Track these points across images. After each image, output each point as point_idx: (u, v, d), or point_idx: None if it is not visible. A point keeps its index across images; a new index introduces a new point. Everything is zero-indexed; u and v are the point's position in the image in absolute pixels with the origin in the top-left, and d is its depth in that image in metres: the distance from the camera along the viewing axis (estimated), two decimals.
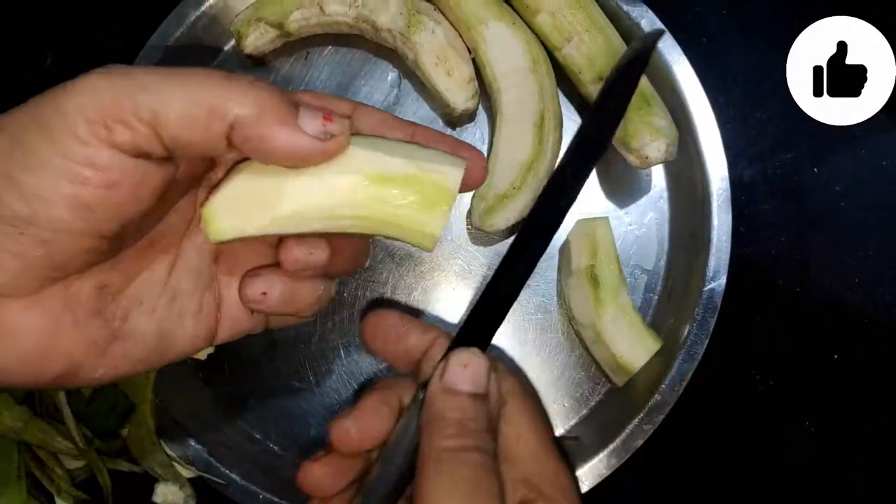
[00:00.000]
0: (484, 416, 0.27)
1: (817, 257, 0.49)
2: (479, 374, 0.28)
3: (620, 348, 0.43)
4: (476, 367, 0.28)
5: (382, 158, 0.27)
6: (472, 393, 0.28)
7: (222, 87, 0.24)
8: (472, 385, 0.28)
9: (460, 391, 0.28)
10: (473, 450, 0.26)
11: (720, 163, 0.44)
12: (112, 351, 0.27)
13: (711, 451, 0.48)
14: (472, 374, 0.28)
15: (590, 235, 0.44)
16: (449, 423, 0.27)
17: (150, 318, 0.28)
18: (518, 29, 0.45)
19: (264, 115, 0.24)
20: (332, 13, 0.46)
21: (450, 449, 0.26)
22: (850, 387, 0.48)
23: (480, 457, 0.26)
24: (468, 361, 0.28)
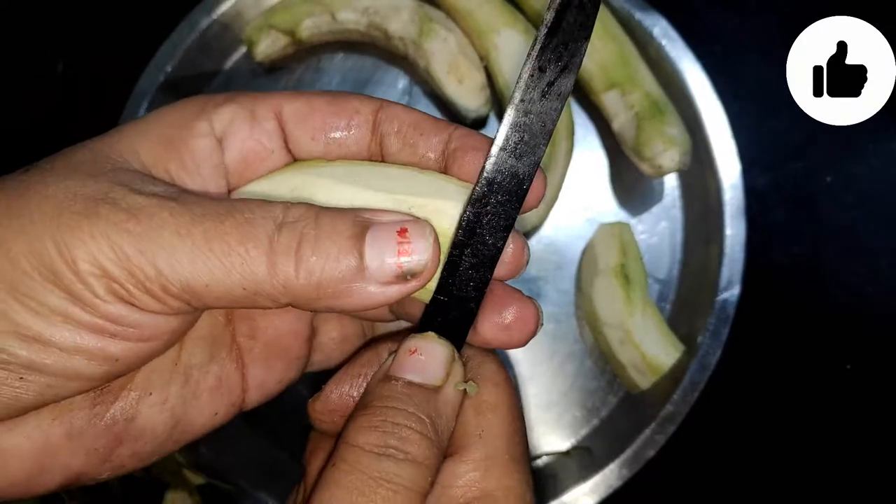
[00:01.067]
0: (421, 413, 0.22)
1: (830, 267, 0.49)
2: (427, 363, 0.23)
3: (650, 348, 0.43)
4: (426, 353, 0.23)
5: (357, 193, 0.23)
6: (411, 382, 0.23)
7: (267, 266, 0.20)
8: (416, 373, 0.23)
9: (398, 378, 0.23)
10: (387, 452, 0.21)
11: (733, 171, 0.44)
12: (118, 454, 0.23)
13: (724, 460, 0.48)
14: (418, 361, 0.23)
15: (616, 236, 0.45)
16: (369, 413, 0.22)
17: (161, 410, 0.23)
18: (530, 36, 0.45)
19: (322, 291, 0.20)
20: (343, 21, 0.46)
21: (357, 445, 0.22)
22: (863, 397, 0.48)
23: (390, 466, 0.21)
24: (416, 346, 0.23)
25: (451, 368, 0.23)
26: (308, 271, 0.20)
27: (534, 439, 0.46)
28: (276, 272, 0.20)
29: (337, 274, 0.20)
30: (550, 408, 0.46)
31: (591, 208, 0.48)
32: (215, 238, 0.20)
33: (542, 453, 0.46)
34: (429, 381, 0.23)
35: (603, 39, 0.44)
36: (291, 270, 0.20)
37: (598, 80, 0.44)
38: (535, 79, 0.23)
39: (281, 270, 0.20)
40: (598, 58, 0.44)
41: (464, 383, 0.24)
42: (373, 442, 0.22)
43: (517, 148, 0.23)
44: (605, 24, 0.44)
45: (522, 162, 0.23)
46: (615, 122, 0.45)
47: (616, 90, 0.44)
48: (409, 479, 0.21)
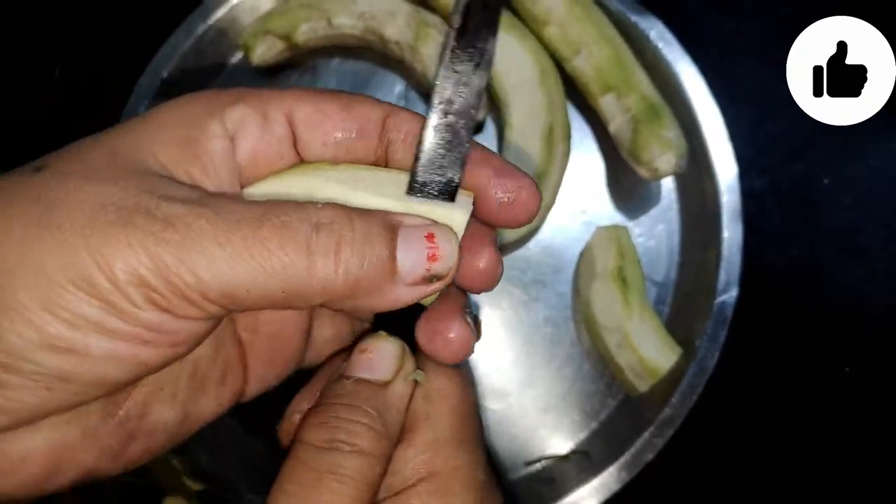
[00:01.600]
0: (369, 406, 0.23)
1: (828, 269, 0.49)
2: (375, 359, 0.25)
3: (648, 351, 0.43)
4: (374, 350, 0.25)
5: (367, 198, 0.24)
6: (360, 378, 0.24)
7: (306, 269, 0.20)
8: (365, 370, 0.24)
9: (349, 377, 0.24)
10: (334, 446, 0.22)
11: (730, 174, 0.44)
12: (130, 450, 0.23)
13: (723, 463, 0.48)
14: (368, 359, 0.25)
15: (614, 240, 0.45)
16: (319, 411, 0.24)
17: (172, 405, 0.24)
18: (527, 41, 0.45)
19: (359, 291, 0.21)
20: (339, 26, 0.46)
21: (306, 442, 0.23)
22: (862, 400, 0.48)
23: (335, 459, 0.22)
24: (366, 346, 0.25)
25: (401, 363, 0.25)
26: (346, 272, 0.21)
27: (532, 443, 0.46)
28: (315, 273, 0.20)
29: (373, 274, 0.21)
30: (549, 411, 0.46)
31: (589, 211, 0.48)
32: (255, 244, 0.20)
33: (540, 457, 0.46)
34: (377, 377, 0.24)
35: (599, 43, 0.44)
36: (331, 271, 0.20)
37: (594, 83, 0.45)
38: (452, 80, 0.23)
39: (321, 271, 0.20)
40: (594, 61, 0.44)
41: (413, 374, 0.25)
42: (321, 437, 0.23)
43: (444, 147, 0.24)
44: (601, 28, 0.44)
45: (449, 160, 0.24)
46: (612, 125, 0.45)
47: (612, 93, 0.44)
48: (355, 470, 0.22)
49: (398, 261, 0.21)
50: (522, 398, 0.47)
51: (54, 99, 0.51)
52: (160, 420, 0.24)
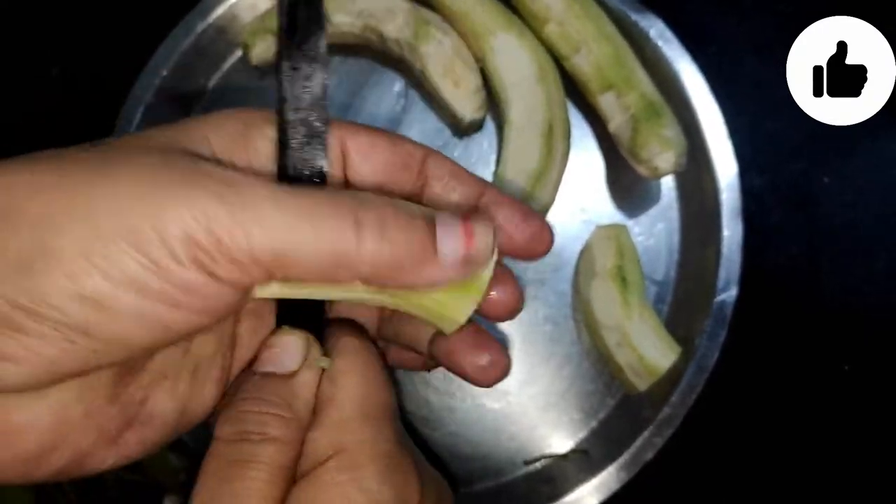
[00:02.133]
0: (277, 397, 0.24)
1: (828, 268, 0.49)
2: (278, 353, 0.25)
3: (647, 350, 0.43)
4: (277, 345, 0.25)
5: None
6: (266, 372, 0.25)
7: (356, 238, 0.22)
8: (271, 365, 0.25)
9: (255, 372, 0.25)
10: (243, 437, 0.23)
11: (730, 173, 0.44)
12: (126, 439, 0.24)
13: (722, 462, 0.48)
14: (274, 353, 0.25)
15: (613, 239, 0.45)
16: (229, 407, 0.24)
17: (172, 396, 0.25)
18: (526, 39, 0.45)
19: (402, 266, 0.22)
20: (338, 24, 0.46)
21: (218, 437, 0.23)
22: (862, 398, 0.48)
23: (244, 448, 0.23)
24: (269, 342, 0.26)
25: (306, 353, 0.25)
26: (392, 245, 0.22)
27: (532, 442, 0.46)
28: (363, 244, 0.22)
29: (416, 250, 0.23)
30: (548, 410, 0.46)
31: (588, 210, 0.48)
32: (309, 210, 0.21)
33: (539, 456, 0.46)
34: (283, 370, 0.25)
35: (598, 41, 0.44)
36: (377, 243, 0.22)
37: (593, 81, 0.44)
38: (293, 77, 0.25)
39: (368, 242, 0.22)
40: (593, 59, 0.44)
41: (318, 361, 0.26)
42: (232, 430, 0.23)
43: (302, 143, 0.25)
44: (601, 26, 0.44)
45: (311, 153, 0.25)
46: (611, 123, 0.45)
47: (612, 92, 0.44)
48: (268, 456, 0.23)
49: (438, 241, 0.23)
50: (521, 397, 0.47)
51: (52, 98, 0.51)
52: (158, 411, 0.24)
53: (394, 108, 0.49)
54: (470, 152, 0.48)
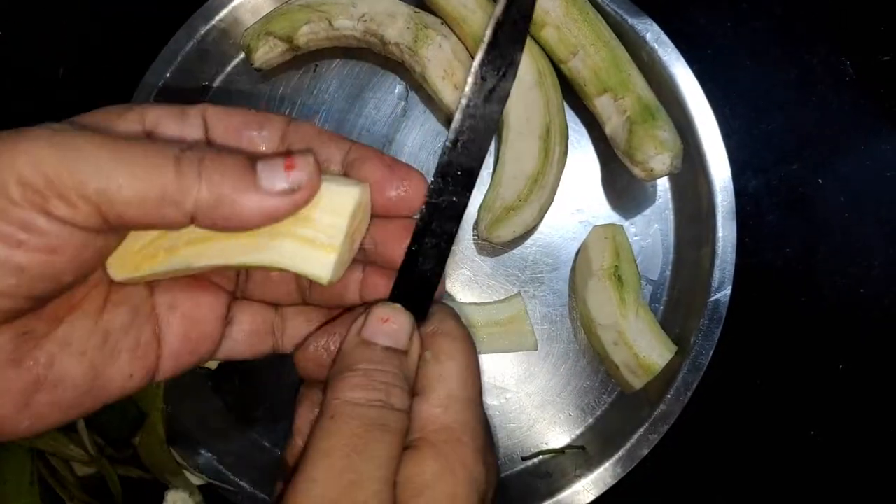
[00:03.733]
0: (399, 371, 0.26)
1: (822, 268, 0.49)
2: (399, 330, 0.27)
3: (643, 349, 0.43)
4: (397, 322, 0.27)
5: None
6: (388, 347, 0.27)
7: (175, 172, 0.22)
8: (390, 339, 0.27)
9: (375, 343, 0.27)
10: (376, 404, 0.25)
11: (725, 174, 0.45)
12: (37, 401, 0.24)
13: (716, 460, 0.48)
14: (392, 329, 0.27)
15: (610, 238, 0.45)
16: (357, 374, 0.26)
17: (79, 361, 0.25)
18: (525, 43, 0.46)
19: (223, 196, 0.23)
20: (340, 27, 0.46)
21: (350, 401, 0.25)
22: (856, 397, 0.48)
23: (380, 413, 0.25)
24: (389, 316, 0.27)
25: (413, 333, 0.27)
26: (209, 179, 0.23)
27: (529, 438, 0.47)
28: (183, 178, 0.22)
29: (234, 180, 0.23)
30: (545, 407, 0.47)
31: (585, 210, 0.48)
32: (132, 151, 0.22)
33: (537, 452, 0.47)
34: (399, 346, 0.27)
35: (595, 45, 0.45)
36: (196, 177, 0.23)
37: (591, 84, 0.45)
38: (478, 87, 0.27)
39: (188, 177, 0.23)
40: (591, 63, 0.45)
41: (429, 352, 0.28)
42: (364, 397, 0.25)
43: (465, 146, 0.28)
44: (598, 30, 0.45)
45: (470, 157, 0.28)
46: (608, 126, 0.45)
47: (609, 95, 0.45)
48: (395, 422, 0.25)
49: (258, 171, 0.24)
50: (519, 394, 0.47)
51: (58, 98, 0.52)
52: (67, 374, 0.25)
53: (394, 110, 0.50)
54: None
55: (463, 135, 0.28)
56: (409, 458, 0.25)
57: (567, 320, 0.48)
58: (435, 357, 0.27)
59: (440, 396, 0.26)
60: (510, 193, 0.45)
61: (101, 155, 0.22)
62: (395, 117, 0.49)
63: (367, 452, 0.24)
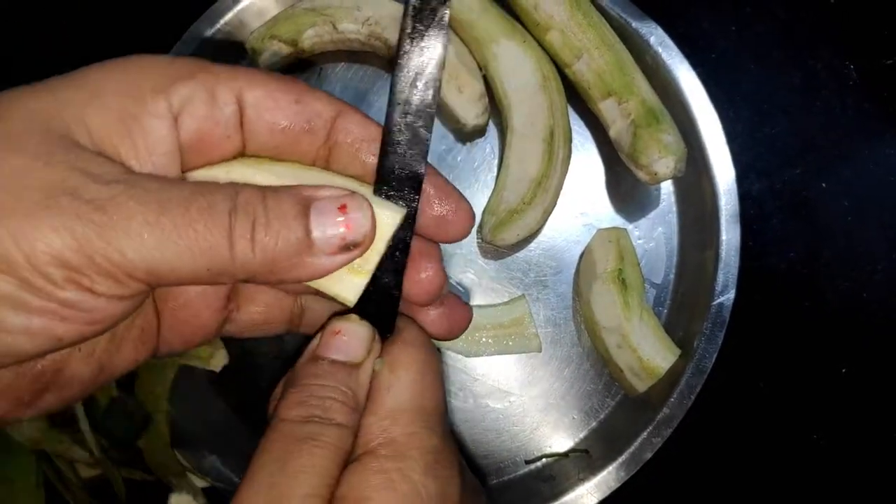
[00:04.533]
0: (342, 385, 0.25)
1: (826, 272, 0.49)
2: (349, 342, 0.26)
3: (647, 352, 0.44)
4: (349, 334, 0.26)
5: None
6: (336, 360, 0.25)
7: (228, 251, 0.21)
8: (340, 352, 0.25)
9: (324, 358, 0.25)
10: (313, 420, 0.23)
11: (729, 177, 0.45)
12: (43, 401, 0.24)
13: (720, 464, 0.48)
14: (342, 341, 0.26)
15: (614, 242, 0.45)
16: (296, 390, 0.25)
17: (88, 363, 0.25)
18: (528, 46, 0.46)
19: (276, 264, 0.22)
20: (344, 31, 0.47)
21: (285, 419, 0.24)
22: (859, 401, 0.48)
23: (314, 428, 0.23)
24: (340, 328, 0.26)
25: (370, 346, 0.26)
26: (262, 250, 0.22)
27: (533, 442, 0.47)
28: (235, 254, 0.21)
29: (288, 249, 0.22)
30: (549, 410, 0.47)
31: (589, 214, 0.48)
32: (183, 226, 0.21)
33: (540, 455, 0.47)
34: (351, 359, 0.25)
35: (600, 48, 0.45)
36: (249, 251, 0.22)
37: (595, 88, 0.45)
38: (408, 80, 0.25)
39: (240, 251, 0.21)
40: (595, 66, 0.45)
41: (377, 362, 0.26)
42: (300, 414, 0.24)
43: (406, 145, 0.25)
44: (602, 33, 0.45)
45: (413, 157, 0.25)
46: (612, 129, 0.45)
47: (613, 98, 0.45)
48: (333, 437, 0.23)
49: (313, 234, 0.22)
50: (523, 397, 0.47)
51: None
52: (76, 375, 0.24)
53: None
54: (473, 157, 0.49)
55: (401, 134, 0.25)
56: (350, 473, 0.23)
57: (571, 323, 0.48)
58: (389, 367, 0.26)
59: (388, 408, 0.25)
60: (514, 197, 0.45)
61: (148, 234, 0.20)
62: None
63: (294, 468, 0.22)
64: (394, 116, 0.25)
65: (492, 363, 0.47)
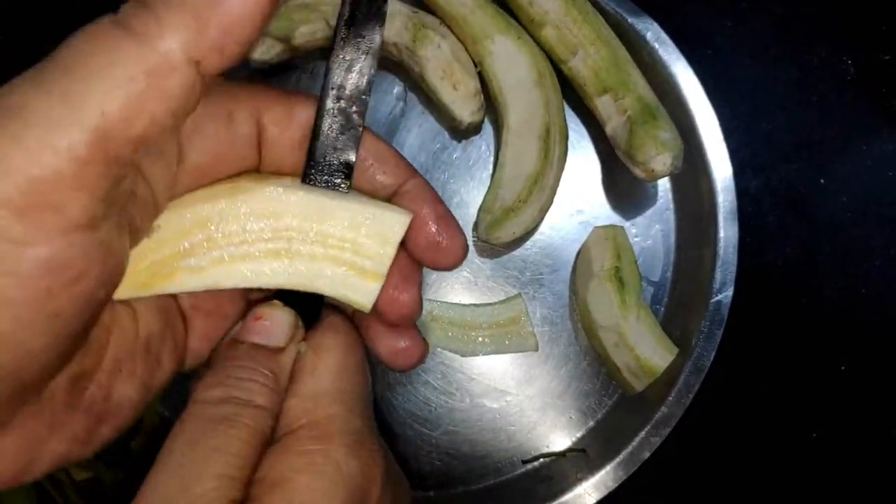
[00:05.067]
0: (263, 367, 0.24)
1: (824, 268, 0.49)
2: (271, 327, 0.25)
3: (644, 351, 0.43)
4: (271, 318, 0.26)
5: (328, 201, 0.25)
6: (256, 344, 0.25)
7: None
8: (260, 336, 0.25)
9: (243, 341, 0.25)
10: (231, 401, 0.23)
11: (726, 174, 0.45)
12: (100, 434, 0.24)
13: (718, 462, 0.48)
14: (263, 325, 0.26)
15: (610, 240, 0.45)
16: (213, 373, 0.24)
17: (132, 382, 0.24)
18: (524, 43, 0.45)
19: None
20: None
21: (200, 400, 0.23)
22: (858, 398, 0.48)
23: (231, 409, 0.23)
24: (262, 314, 0.26)
25: (294, 332, 0.26)
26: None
27: (530, 441, 0.47)
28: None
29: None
30: (546, 410, 0.47)
31: (585, 211, 0.48)
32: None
33: (538, 455, 0.46)
34: (272, 343, 0.25)
35: (595, 44, 0.44)
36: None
37: (591, 84, 0.45)
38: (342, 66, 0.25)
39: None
40: (591, 63, 0.44)
41: (301, 345, 0.26)
42: (217, 395, 0.23)
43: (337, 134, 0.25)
44: (598, 29, 0.45)
45: (343, 142, 0.25)
46: (608, 126, 0.45)
47: (609, 95, 0.44)
48: (250, 418, 0.23)
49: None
50: (520, 397, 0.47)
51: None
52: (125, 399, 0.24)
53: (393, 110, 0.49)
54: (468, 154, 0.49)
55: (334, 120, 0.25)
56: (270, 455, 0.23)
57: (568, 322, 0.47)
58: (313, 350, 0.26)
59: (311, 390, 0.25)
60: (510, 195, 0.44)
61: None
62: (393, 118, 0.49)
63: (207, 448, 0.22)
64: (326, 102, 0.25)
65: (488, 362, 0.47)
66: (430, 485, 0.46)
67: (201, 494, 0.21)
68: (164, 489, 0.21)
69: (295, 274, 0.25)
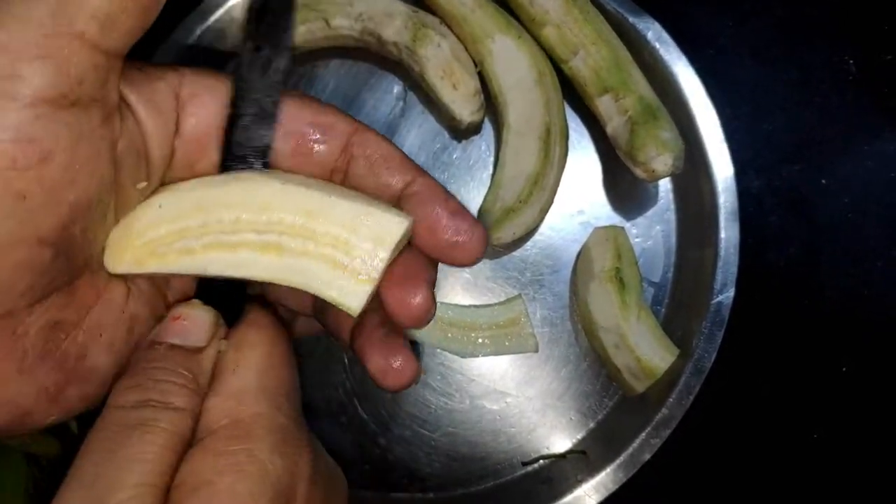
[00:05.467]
0: (181, 369, 0.24)
1: (826, 269, 0.49)
2: (189, 327, 0.25)
3: (645, 352, 0.43)
4: (189, 318, 0.25)
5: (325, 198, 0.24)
6: (174, 345, 0.24)
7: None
8: (178, 337, 0.25)
9: (160, 343, 0.25)
10: (148, 404, 0.22)
11: (727, 174, 0.44)
12: (67, 395, 0.23)
13: (719, 464, 0.48)
14: (181, 325, 0.25)
15: (611, 240, 0.45)
16: (130, 376, 0.24)
17: (109, 352, 0.24)
18: (524, 42, 0.45)
19: None
20: (337, 27, 0.46)
21: (115, 405, 0.23)
22: (859, 399, 0.48)
23: (147, 413, 0.22)
24: (180, 314, 0.25)
25: (214, 331, 0.25)
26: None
27: (530, 443, 0.46)
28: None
29: None
30: (546, 411, 0.47)
31: (586, 212, 0.48)
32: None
33: (538, 457, 0.46)
34: (191, 344, 0.25)
35: (596, 44, 0.44)
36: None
37: (592, 84, 0.45)
38: (253, 60, 0.26)
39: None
40: (592, 62, 0.44)
41: (221, 344, 0.25)
42: (132, 399, 0.23)
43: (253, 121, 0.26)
44: (599, 29, 0.45)
45: (260, 134, 0.26)
46: (609, 126, 0.45)
47: (610, 95, 0.44)
48: (168, 422, 0.22)
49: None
50: (520, 398, 0.47)
51: None
52: (97, 366, 0.24)
53: (392, 110, 0.49)
54: (468, 154, 0.48)
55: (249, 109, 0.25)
56: (191, 456, 0.22)
57: (568, 323, 0.47)
58: (234, 347, 0.25)
59: (233, 388, 0.24)
60: (510, 195, 0.44)
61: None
62: (393, 117, 0.49)
63: (123, 457, 0.21)
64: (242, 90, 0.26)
65: (488, 364, 0.47)
66: (429, 486, 0.46)
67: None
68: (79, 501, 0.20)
69: (283, 269, 0.24)
